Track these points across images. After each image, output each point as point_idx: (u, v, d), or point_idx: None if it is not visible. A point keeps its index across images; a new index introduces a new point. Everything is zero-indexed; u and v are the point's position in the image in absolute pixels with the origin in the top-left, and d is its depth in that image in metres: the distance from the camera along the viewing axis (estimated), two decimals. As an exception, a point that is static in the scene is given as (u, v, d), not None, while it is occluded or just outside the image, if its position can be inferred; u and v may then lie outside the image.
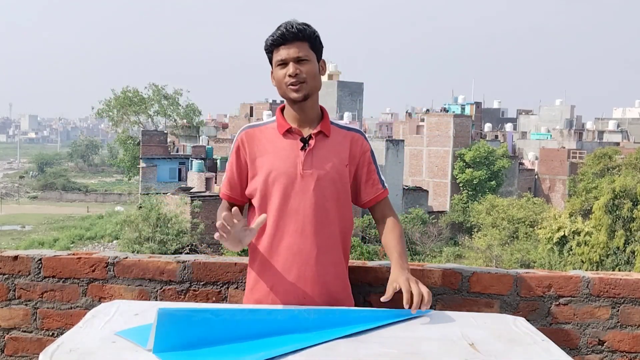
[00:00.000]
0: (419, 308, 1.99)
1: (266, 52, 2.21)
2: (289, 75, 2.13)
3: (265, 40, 2.19)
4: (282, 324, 1.88)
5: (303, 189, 2.16)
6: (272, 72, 2.23)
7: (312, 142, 2.18)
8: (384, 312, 2.02)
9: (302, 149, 2.18)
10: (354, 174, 2.27)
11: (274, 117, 2.27)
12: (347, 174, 2.23)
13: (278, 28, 2.15)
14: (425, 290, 2.03)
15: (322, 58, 2.23)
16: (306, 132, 2.21)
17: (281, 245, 2.17)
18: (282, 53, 2.14)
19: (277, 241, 2.17)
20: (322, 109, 2.27)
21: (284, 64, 2.15)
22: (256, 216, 2.20)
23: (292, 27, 2.13)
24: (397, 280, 2.08)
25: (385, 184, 2.33)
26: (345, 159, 2.22)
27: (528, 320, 2.10)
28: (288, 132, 2.21)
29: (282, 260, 2.17)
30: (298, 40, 2.14)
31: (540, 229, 29.72)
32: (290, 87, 2.15)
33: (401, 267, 2.15)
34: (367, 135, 2.34)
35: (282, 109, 2.27)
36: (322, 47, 2.22)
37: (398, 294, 2.54)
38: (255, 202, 2.23)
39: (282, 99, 2.25)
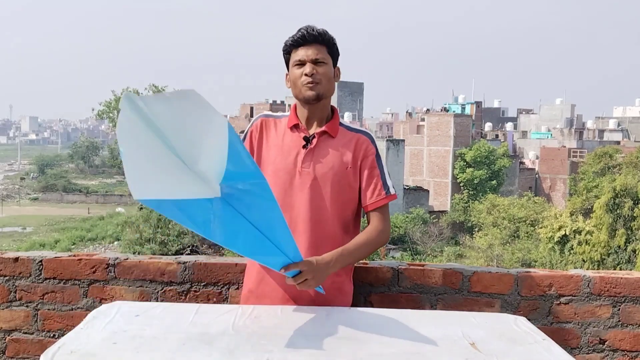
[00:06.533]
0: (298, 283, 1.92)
1: (284, 53, 2.26)
2: (305, 74, 2.17)
3: (285, 42, 2.24)
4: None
5: (300, 185, 2.19)
6: (286, 75, 2.27)
7: (314, 140, 2.21)
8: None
9: (304, 147, 2.21)
10: (359, 178, 2.25)
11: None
12: (350, 177, 2.22)
13: (298, 30, 2.21)
14: (310, 280, 1.94)
15: (338, 65, 2.27)
16: (312, 130, 2.25)
17: None
18: (301, 53, 2.19)
19: None
20: (333, 110, 2.30)
21: (301, 64, 2.19)
22: None
23: (313, 30, 2.19)
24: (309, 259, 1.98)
25: (391, 190, 2.25)
26: (348, 161, 2.22)
27: (529, 320, 2.10)
28: (295, 128, 2.25)
29: None
30: (317, 43, 2.19)
31: (541, 228, 29.70)
32: (306, 85, 2.18)
33: (327, 258, 2.04)
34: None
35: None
36: (339, 54, 2.26)
37: (399, 296, 2.54)
38: None
39: (285, 101, 2.25)
